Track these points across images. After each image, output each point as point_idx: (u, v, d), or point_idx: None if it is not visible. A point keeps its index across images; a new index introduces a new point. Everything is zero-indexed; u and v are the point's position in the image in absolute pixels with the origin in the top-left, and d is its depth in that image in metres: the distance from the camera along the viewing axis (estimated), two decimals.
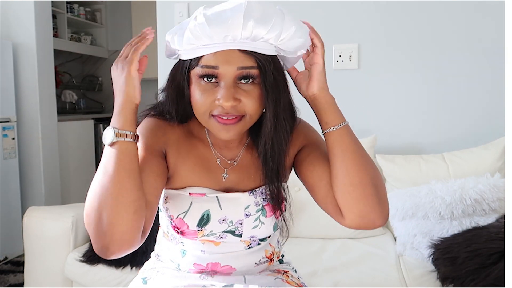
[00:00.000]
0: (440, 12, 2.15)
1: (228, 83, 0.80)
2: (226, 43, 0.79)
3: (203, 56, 0.81)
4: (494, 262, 1.37)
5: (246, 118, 0.83)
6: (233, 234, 0.94)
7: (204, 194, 0.91)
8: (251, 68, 0.81)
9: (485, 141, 1.99)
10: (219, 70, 0.80)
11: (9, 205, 2.86)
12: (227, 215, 0.92)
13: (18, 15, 2.95)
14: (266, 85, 0.82)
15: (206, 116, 0.83)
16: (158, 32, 2.45)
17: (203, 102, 0.82)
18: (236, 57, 0.80)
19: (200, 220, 0.91)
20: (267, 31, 0.78)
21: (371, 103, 2.24)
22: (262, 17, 0.77)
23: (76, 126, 3.71)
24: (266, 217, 0.94)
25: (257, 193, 0.94)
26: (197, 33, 0.79)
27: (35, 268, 1.83)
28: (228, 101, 0.79)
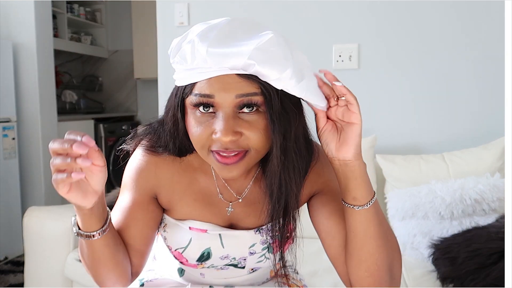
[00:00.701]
0: (440, 12, 2.15)
1: (226, 114, 0.68)
2: (222, 69, 0.67)
3: (196, 83, 0.69)
4: (494, 262, 1.37)
5: (251, 153, 0.71)
6: (236, 267, 0.89)
7: (205, 231, 0.84)
8: (253, 95, 0.68)
9: (485, 141, 1.99)
10: (215, 99, 0.68)
11: (9, 205, 2.86)
12: (229, 253, 0.85)
13: (18, 15, 2.95)
14: (272, 115, 0.68)
15: (205, 151, 0.72)
16: (158, 32, 2.45)
17: (199, 137, 0.70)
18: (234, 83, 0.67)
19: (200, 257, 0.85)
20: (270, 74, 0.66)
21: (371, 103, 2.24)
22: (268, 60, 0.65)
23: (76, 126, 3.71)
24: (272, 254, 0.87)
25: (264, 230, 0.85)
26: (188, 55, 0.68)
27: (35, 268, 1.83)
28: (226, 135, 0.67)
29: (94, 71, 4.80)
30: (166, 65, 2.45)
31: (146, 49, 4.06)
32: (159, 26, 2.44)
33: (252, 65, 0.65)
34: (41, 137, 3.03)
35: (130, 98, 4.72)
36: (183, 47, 0.68)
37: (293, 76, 0.67)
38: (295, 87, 0.68)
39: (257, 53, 0.64)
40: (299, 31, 2.26)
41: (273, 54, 0.65)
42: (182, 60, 0.69)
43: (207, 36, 0.66)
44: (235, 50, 0.65)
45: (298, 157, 0.74)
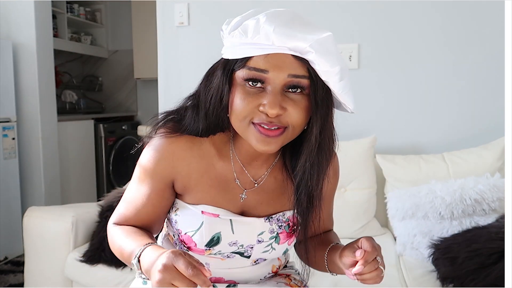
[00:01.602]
0: (440, 12, 2.15)
1: (276, 90, 0.74)
2: (282, 48, 0.73)
3: (251, 57, 0.74)
4: (494, 262, 1.37)
5: (288, 130, 0.77)
6: (241, 256, 0.91)
7: (217, 215, 0.86)
8: (303, 78, 0.74)
9: (485, 141, 1.99)
10: (268, 74, 0.74)
11: (9, 205, 2.86)
12: (238, 239, 0.88)
13: (18, 15, 2.95)
14: (317, 97, 0.75)
15: (246, 123, 0.76)
16: (158, 32, 2.45)
17: (245, 107, 0.75)
18: (289, 63, 0.73)
19: (209, 242, 0.87)
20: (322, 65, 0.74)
21: (371, 103, 2.24)
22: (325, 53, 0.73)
23: (76, 126, 3.70)
24: (279, 244, 0.90)
25: (273, 220, 0.89)
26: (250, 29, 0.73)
27: (35, 268, 1.83)
28: (274, 108, 0.73)
29: (94, 71, 4.80)
30: (166, 65, 2.45)
31: (146, 49, 4.06)
32: (159, 26, 2.44)
33: (310, 53, 0.72)
34: (41, 137, 3.03)
35: (130, 98, 4.72)
36: (246, 23, 0.74)
37: (339, 73, 0.75)
38: (336, 83, 0.76)
39: (316, 44, 0.72)
40: None
41: (329, 50, 0.73)
42: (242, 34, 0.74)
43: (273, 19, 0.73)
44: (300, 35, 0.72)
45: (330, 145, 0.82)
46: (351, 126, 2.24)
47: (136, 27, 4.20)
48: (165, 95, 2.47)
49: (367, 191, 1.93)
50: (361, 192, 1.92)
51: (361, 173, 1.93)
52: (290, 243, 0.91)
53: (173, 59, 2.43)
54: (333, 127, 0.82)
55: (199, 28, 2.37)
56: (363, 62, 2.24)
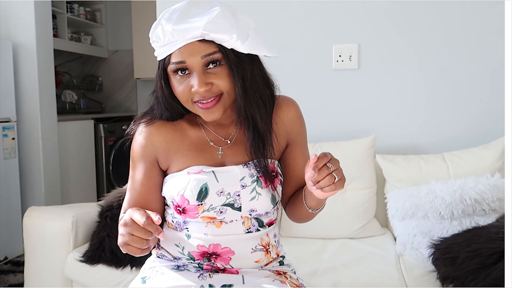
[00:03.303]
0: (440, 12, 2.15)
1: (197, 72, 0.90)
2: (186, 39, 0.88)
3: (171, 54, 0.91)
4: (494, 262, 1.37)
5: (224, 96, 0.92)
6: (233, 208, 0.98)
7: (200, 171, 0.98)
8: (214, 53, 0.89)
9: (485, 141, 1.99)
10: (187, 63, 0.90)
11: (9, 205, 2.86)
12: (224, 187, 0.97)
13: (18, 15, 2.95)
14: (231, 65, 0.90)
15: (190, 103, 0.93)
16: None
17: (182, 93, 0.92)
18: (198, 48, 0.89)
19: (199, 194, 0.96)
20: (221, 38, 0.88)
21: (371, 103, 2.24)
22: (218, 29, 0.87)
23: (76, 126, 3.70)
24: (262, 188, 0.99)
25: (251, 165, 1.00)
26: (160, 35, 0.90)
27: (35, 268, 1.83)
28: (201, 87, 0.89)
29: (94, 71, 4.80)
30: None
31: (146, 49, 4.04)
32: None
33: (206, 34, 0.87)
34: (41, 137, 3.03)
35: (130, 98, 4.73)
36: (156, 30, 0.91)
37: (238, 38, 0.89)
38: (241, 46, 0.90)
39: (209, 25, 0.86)
40: (299, 31, 2.26)
41: (221, 25, 0.87)
42: (157, 39, 0.91)
43: (171, 18, 0.88)
44: (193, 25, 0.87)
45: (258, 93, 0.96)
46: (351, 126, 2.24)
47: (136, 27, 4.20)
48: None
49: (367, 191, 1.93)
50: (361, 192, 1.92)
51: (361, 173, 1.93)
52: (274, 188, 1.01)
53: None
54: (259, 80, 0.97)
55: None
56: (363, 62, 2.24)
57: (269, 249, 1.04)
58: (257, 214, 1.01)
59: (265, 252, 1.04)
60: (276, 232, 1.08)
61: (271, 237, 1.05)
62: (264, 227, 1.03)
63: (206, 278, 0.97)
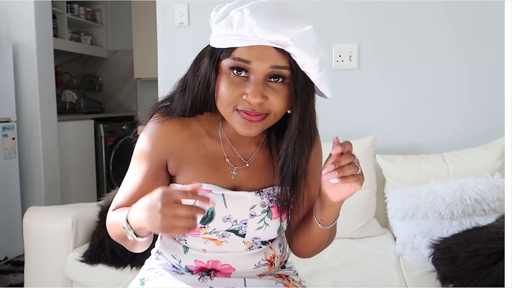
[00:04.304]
0: (440, 12, 2.15)
1: (258, 80, 0.80)
2: (265, 41, 0.79)
3: (236, 48, 0.80)
4: (494, 262, 1.37)
5: (270, 117, 0.84)
6: (236, 234, 0.92)
7: (210, 191, 0.90)
8: (284, 68, 0.81)
9: (485, 141, 1.99)
10: (251, 65, 0.80)
11: (9, 205, 2.86)
12: (231, 213, 0.90)
13: (18, 15, 2.95)
14: (296, 87, 0.82)
15: (230, 109, 0.83)
16: (158, 32, 2.45)
17: (230, 95, 0.82)
18: (271, 55, 0.79)
19: (203, 218, 0.89)
20: (302, 57, 0.79)
21: (371, 103, 2.24)
22: (305, 47, 0.79)
23: (76, 126, 3.70)
24: (272, 219, 0.93)
25: (264, 193, 0.93)
26: (235, 22, 0.79)
27: (35, 268, 1.83)
28: (256, 97, 0.79)
29: (94, 71, 4.80)
30: (166, 65, 2.45)
31: (146, 49, 4.06)
32: (159, 26, 2.44)
33: (290, 46, 0.78)
34: (41, 137, 3.03)
35: (130, 98, 4.72)
36: (231, 14, 0.80)
37: (318, 65, 0.81)
38: (316, 74, 0.82)
39: (297, 37, 0.78)
40: None
41: (309, 43, 0.79)
42: (227, 25, 0.80)
43: (258, 13, 0.78)
44: (281, 29, 0.77)
45: (311, 127, 0.88)
46: (351, 126, 2.24)
47: (136, 27, 4.20)
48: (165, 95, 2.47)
49: (367, 191, 1.93)
50: (361, 192, 1.92)
51: None
52: (283, 219, 0.94)
53: (173, 59, 2.43)
54: (314, 114, 0.88)
55: (199, 28, 2.37)
56: (363, 62, 2.24)
57: (274, 262, 1.00)
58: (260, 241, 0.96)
59: (270, 266, 1.00)
60: (280, 241, 1.03)
61: (276, 248, 1.01)
62: (267, 244, 0.98)
63: (207, 280, 0.94)
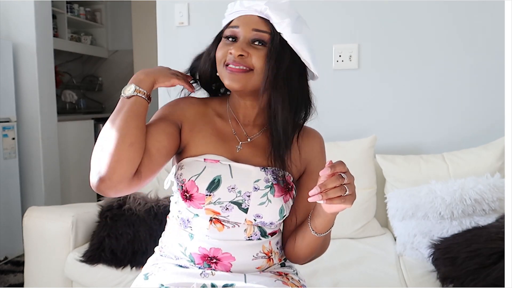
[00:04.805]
0: (441, 12, 2.15)
1: (243, 39, 0.96)
2: (249, 10, 0.97)
3: (231, 21, 0.99)
4: (494, 262, 1.37)
5: (253, 73, 0.95)
6: (239, 207, 0.96)
7: (218, 161, 0.99)
8: (264, 32, 0.95)
9: (485, 141, 1.99)
10: (239, 29, 0.97)
11: (9, 205, 2.86)
12: (236, 184, 0.97)
13: (18, 15, 2.95)
14: (272, 48, 0.94)
15: (221, 66, 0.98)
16: (158, 32, 2.45)
17: (221, 54, 0.98)
18: (254, 21, 0.96)
19: (210, 184, 0.95)
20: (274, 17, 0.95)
21: (371, 103, 2.24)
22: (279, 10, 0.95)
23: (76, 126, 3.70)
24: (274, 196, 0.98)
25: (268, 171, 1.00)
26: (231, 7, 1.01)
27: (35, 268, 1.83)
28: (237, 50, 0.93)
29: (94, 71, 4.80)
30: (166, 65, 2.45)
31: (146, 49, 4.06)
32: (159, 26, 2.44)
33: (266, 9, 0.95)
34: (41, 137, 3.03)
35: None
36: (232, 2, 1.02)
37: (289, 25, 0.95)
38: (289, 34, 0.95)
39: (272, 4, 0.96)
40: None
41: (282, 8, 0.96)
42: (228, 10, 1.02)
43: None
44: (259, 1, 0.96)
45: (288, 90, 0.97)
46: (351, 126, 2.24)
47: (136, 27, 4.20)
48: (165, 95, 2.47)
49: (367, 191, 1.93)
50: (361, 192, 1.91)
51: (361, 173, 1.93)
52: (285, 200, 0.99)
53: (173, 59, 2.43)
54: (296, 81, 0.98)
55: (199, 28, 2.37)
56: (363, 62, 2.24)
57: (271, 256, 1.04)
58: (262, 222, 0.99)
59: (267, 260, 1.03)
60: (278, 240, 1.07)
61: (273, 245, 1.04)
62: (266, 237, 1.02)
63: (209, 275, 0.97)
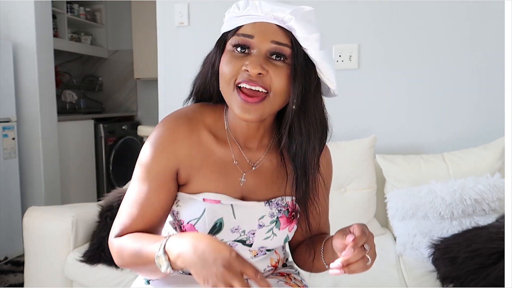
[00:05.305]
0: (441, 12, 2.15)
1: (259, 53, 0.80)
2: (267, 17, 0.80)
3: (241, 26, 0.82)
4: (494, 262, 1.37)
5: (269, 97, 0.81)
6: (244, 244, 0.92)
7: (219, 201, 0.88)
8: (285, 46, 0.80)
9: (485, 141, 1.99)
10: (253, 39, 0.80)
11: (9, 205, 2.86)
12: (240, 224, 0.89)
13: (18, 15, 2.95)
14: (296, 64, 0.80)
15: (231, 86, 0.81)
16: (158, 32, 2.45)
17: (230, 69, 0.81)
18: (273, 31, 0.80)
19: (212, 228, 0.88)
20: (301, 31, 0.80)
21: (371, 103, 2.24)
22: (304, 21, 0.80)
23: (76, 126, 3.70)
24: (280, 230, 0.92)
25: (273, 204, 0.92)
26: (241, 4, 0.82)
27: (35, 268, 1.83)
28: (256, 67, 0.78)
29: (94, 71, 4.80)
30: (166, 65, 2.45)
31: (146, 49, 4.06)
32: (159, 26, 2.44)
33: (290, 19, 0.79)
34: (41, 137, 3.03)
35: (130, 98, 4.72)
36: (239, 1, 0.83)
37: (318, 41, 0.80)
38: (316, 51, 0.81)
39: (298, 13, 0.79)
40: None
41: (309, 20, 0.80)
42: (236, 7, 0.83)
43: None
44: (282, 7, 0.80)
45: (318, 116, 0.85)
46: (351, 126, 2.24)
47: (136, 27, 4.20)
48: (165, 95, 2.47)
49: (367, 191, 1.93)
50: (361, 192, 1.92)
51: (361, 173, 1.93)
52: (290, 229, 0.94)
53: (173, 59, 2.43)
54: (319, 102, 0.86)
55: (199, 28, 2.37)
56: (363, 62, 2.24)
57: (278, 265, 1.00)
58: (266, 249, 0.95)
59: (273, 270, 1.00)
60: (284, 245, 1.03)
61: (280, 252, 1.01)
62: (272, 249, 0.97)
63: None
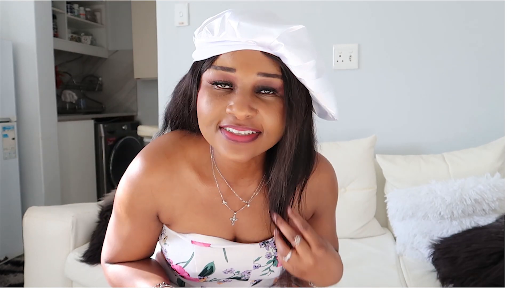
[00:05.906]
0: (440, 12, 2.15)
1: (245, 90, 0.66)
2: (249, 44, 0.65)
3: (218, 56, 0.67)
4: (494, 262, 1.37)
5: (262, 137, 0.68)
6: (239, 280, 0.86)
7: (208, 245, 0.80)
8: (275, 77, 0.66)
9: (485, 141, 1.99)
10: (235, 73, 0.66)
11: (9, 205, 2.86)
12: (233, 266, 0.82)
13: (18, 15, 2.95)
14: (291, 98, 0.67)
15: (213, 128, 0.68)
16: (158, 32, 2.45)
17: (212, 110, 0.67)
18: (258, 61, 0.65)
19: (202, 271, 0.81)
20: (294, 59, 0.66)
21: (371, 103, 2.24)
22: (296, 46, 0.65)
23: (76, 126, 3.70)
24: (277, 266, 0.85)
25: (270, 244, 0.83)
26: (216, 28, 0.66)
27: (35, 268, 1.83)
28: (242, 109, 0.64)
29: (94, 71, 4.80)
30: (166, 65, 2.45)
31: (146, 49, 4.06)
32: (159, 26, 2.44)
33: (279, 46, 0.64)
34: (41, 137, 3.03)
35: (130, 98, 4.73)
36: (212, 21, 0.68)
37: (314, 69, 0.66)
38: (313, 80, 0.67)
39: (287, 36, 0.64)
40: None
41: (301, 43, 0.65)
42: (208, 32, 0.68)
43: (241, 13, 0.66)
44: (266, 29, 0.64)
45: (308, 154, 0.74)
46: (351, 126, 2.24)
47: (136, 27, 4.20)
48: (165, 95, 2.46)
49: (367, 191, 1.93)
50: (361, 192, 1.92)
51: (361, 173, 1.93)
52: None
53: (173, 59, 2.43)
54: (313, 136, 0.75)
55: None
56: (363, 62, 2.24)
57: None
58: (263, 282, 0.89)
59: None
60: None
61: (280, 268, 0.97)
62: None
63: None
